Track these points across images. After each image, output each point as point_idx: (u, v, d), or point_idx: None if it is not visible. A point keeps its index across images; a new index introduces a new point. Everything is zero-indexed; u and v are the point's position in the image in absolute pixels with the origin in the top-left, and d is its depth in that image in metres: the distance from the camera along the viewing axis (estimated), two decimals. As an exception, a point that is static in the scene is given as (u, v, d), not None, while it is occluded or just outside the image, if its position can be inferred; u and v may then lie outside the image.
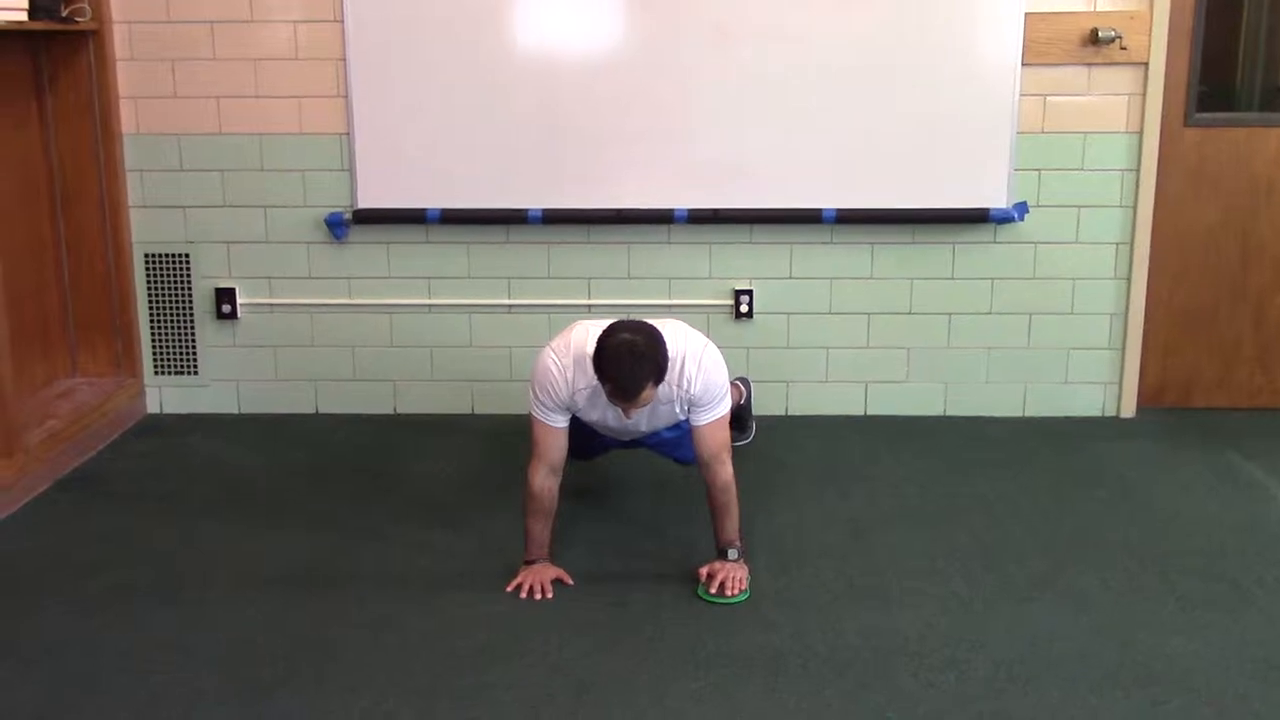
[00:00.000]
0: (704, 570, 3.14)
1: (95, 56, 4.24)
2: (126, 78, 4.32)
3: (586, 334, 3.09)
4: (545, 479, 3.16)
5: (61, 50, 4.23)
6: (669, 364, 3.00)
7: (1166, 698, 2.65)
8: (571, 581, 3.17)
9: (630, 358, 2.90)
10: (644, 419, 3.20)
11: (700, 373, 3.11)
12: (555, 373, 3.12)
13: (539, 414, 3.17)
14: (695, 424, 3.16)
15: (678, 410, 3.19)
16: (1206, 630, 2.94)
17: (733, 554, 3.15)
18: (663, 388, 3.05)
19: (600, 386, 3.02)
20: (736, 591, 3.09)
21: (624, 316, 3.11)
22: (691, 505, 3.64)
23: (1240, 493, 3.82)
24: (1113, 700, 2.64)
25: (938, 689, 2.69)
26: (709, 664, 2.80)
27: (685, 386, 3.11)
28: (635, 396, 2.94)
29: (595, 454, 3.63)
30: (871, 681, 2.72)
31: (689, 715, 2.60)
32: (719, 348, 3.19)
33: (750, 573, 3.17)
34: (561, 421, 3.18)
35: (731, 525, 3.16)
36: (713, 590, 3.09)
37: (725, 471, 3.14)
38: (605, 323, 3.07)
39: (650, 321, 3.05)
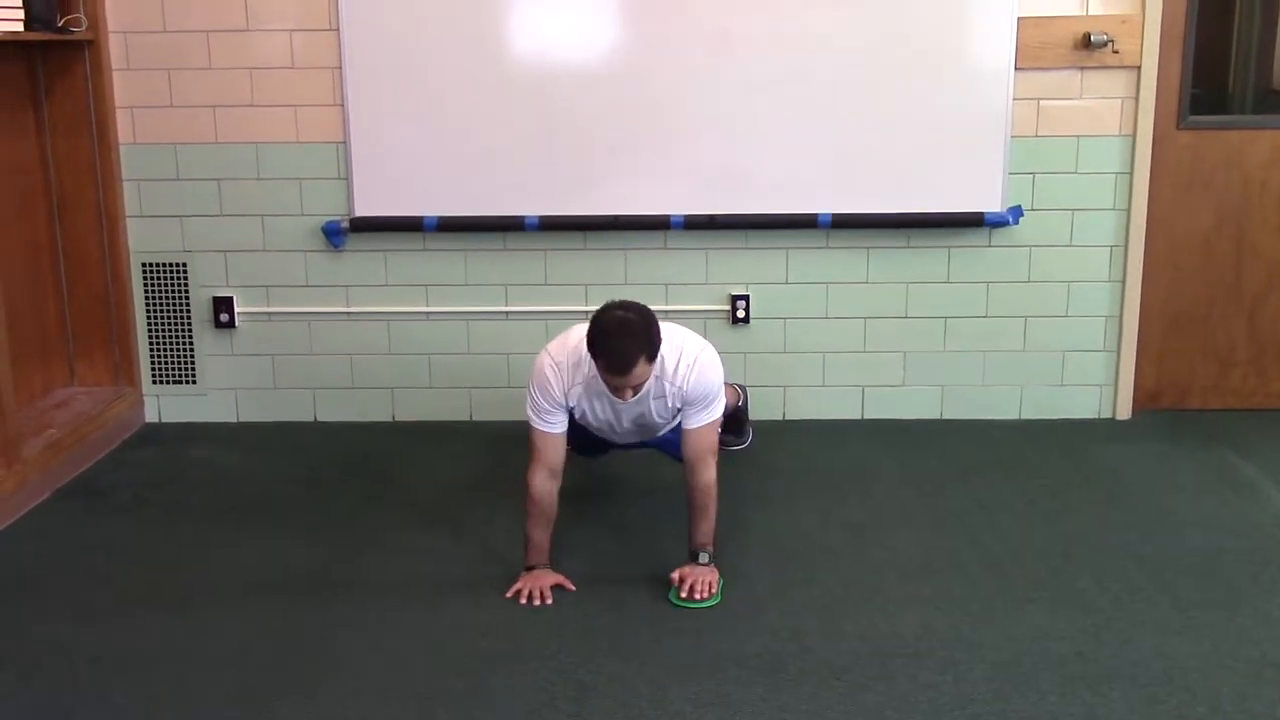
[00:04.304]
0: (675, 575, 3.14)
1: (91, 66, 4.25)
2: (123, 87, 4.33)
3: (583, 333, 3.11)
4: (545, 482, 3.18)
5: (58, 61, 4.24)
6: (664, 356, 3.04)
7: (1163, 698, 2.66)
8: (573, 587, 3.18)
9: (622, 330, 2.95)
10: (637, 412, 3.22)
11: (695, 370, 3.14)
12: (550, 371, 3.16)
13: (536, 418, 3.19)
14: (686, 425, 3.18)
15: (671, 405, 3.21)
16: (1203, 630, 2.96)
17: (704, 557, 3.16)
18: (656, 383, 3.09)
19: (595, 381, 3.06)
20: (706, 595, 3.09)
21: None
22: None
23: (1236, 494, 3.84)
24: (1110, 700, 2.65)
25: (936, 690, 2.70)
26: (709, 667, 2.81)
27: (679, 383, 3.13)
28: (628, 371, 2.96)
29: (598, 452, 3.65)
30: (870, 683, 2.73)
31: (689, 718, 2.61)
32: (718, 353, 3.22)
33: (720, 576, 3.16)
34: (559, 425, 3.19)
35: (707, 529, 3.17)
36: (683, 594, 3.09)
37: (708, 474, 3.16)
38: None
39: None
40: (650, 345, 2.98)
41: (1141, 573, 3.27)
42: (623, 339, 2.96)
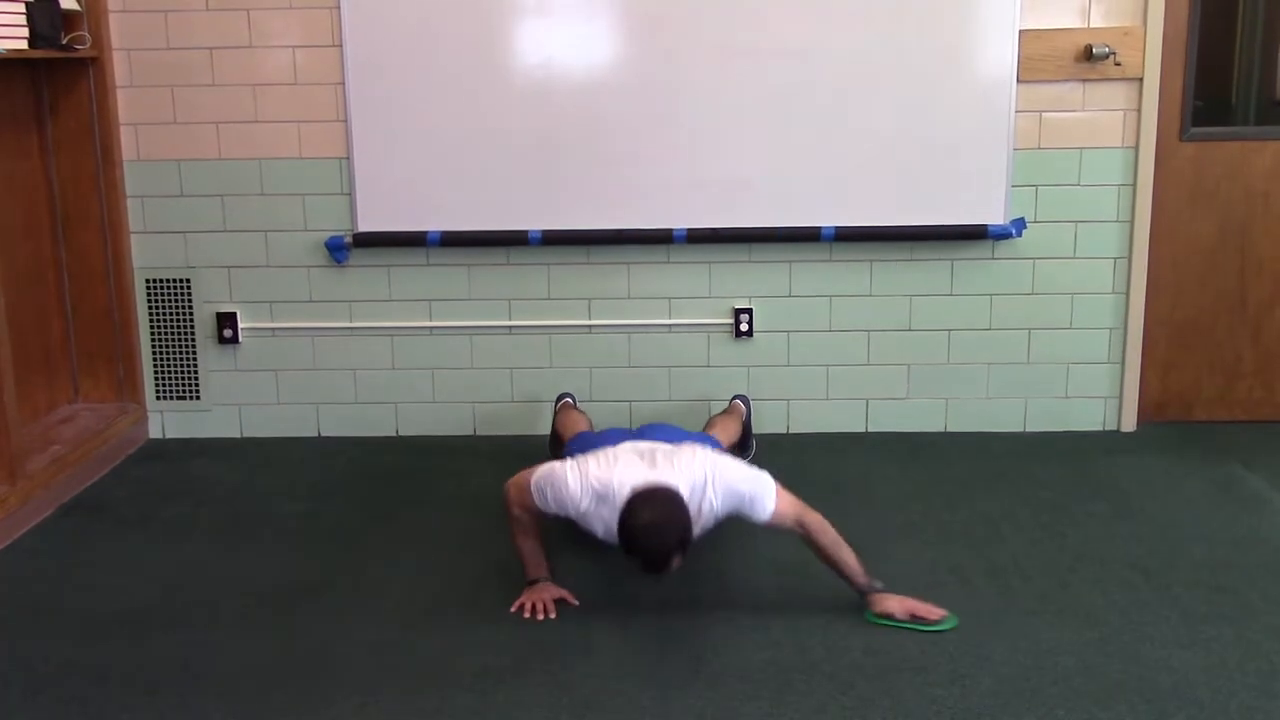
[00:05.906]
0: (896, 611, 3.03)
1: (95, 84, 4.26)
2: (127, 104, 4.34)
3: (614, 472, 3.00)
4: (523, 512, 3.16)
5: (62, 78, 4.25)
6: (690, 505, 2.94)
7: (1171, 712, 2.65)
8: (576, 602, 3.17)
9: (653, 534, 2.85)
10: None
11: (719, 490, 3.03)
12: (573, 493, 3.04)
13: (536, 492, 3.10)
14: (762, 521, 3.07)
15: (713, 523, 3.11)
16: (1211, 644, 2.94)
17: (879, 585, 3.09)
18: (695, 515, 2.98)
19: (605, 514, 3.00)
20: (938, 616, 3.03)
21: (644, 485, 2.95)
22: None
23: (1242, 506, 3.82)
24: (1117, 714, 2.64)
25: (941, 704, 2.69)
26: (713, 682, 2.80)
27: (710, 510, 3.04)
28: (664, 570, 2.91)
29: None
30: (875, 697, 2.72)
31: (693, 734, 2.60)
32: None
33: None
34: (551, 513, 3.14)
35: (855, 562, 3.08)
36: (933, 619, 3.02)
37: (815, 518, 3.07)
38: (630, 457, 3.03)
39: (665, 481, 2.95)
40: (683, 539, 2.88)
41: (1148, 586, 3.26)
42: (655, 542, 2.87)
